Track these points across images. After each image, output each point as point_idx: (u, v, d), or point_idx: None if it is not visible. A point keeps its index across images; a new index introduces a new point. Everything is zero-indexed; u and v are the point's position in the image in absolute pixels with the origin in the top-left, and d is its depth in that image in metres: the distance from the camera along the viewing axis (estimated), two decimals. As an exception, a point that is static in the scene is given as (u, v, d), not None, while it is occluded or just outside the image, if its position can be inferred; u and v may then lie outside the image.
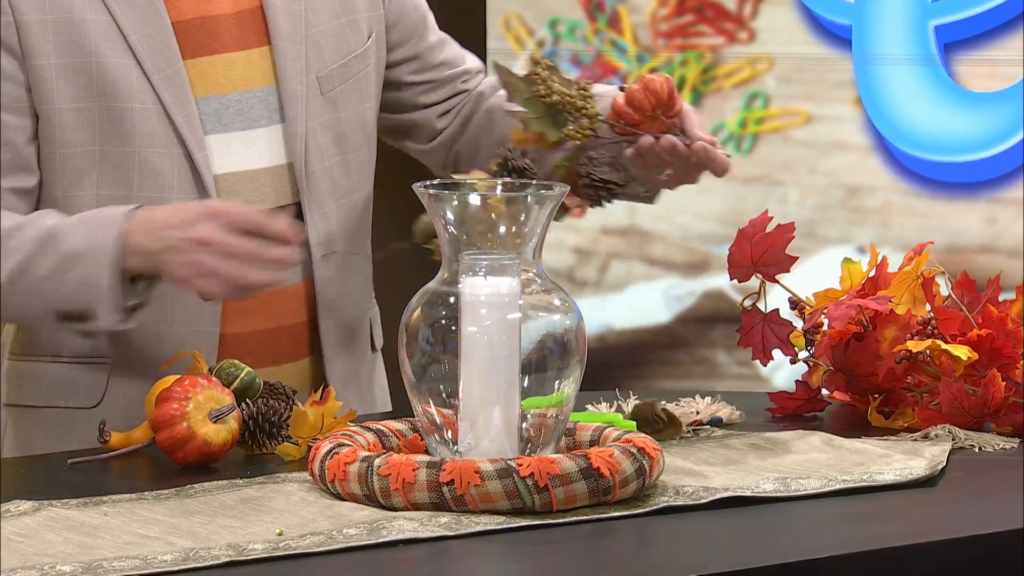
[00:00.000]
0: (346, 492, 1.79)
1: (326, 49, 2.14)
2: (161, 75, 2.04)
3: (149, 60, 2.04)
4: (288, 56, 2.10)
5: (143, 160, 2.05)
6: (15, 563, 1.61)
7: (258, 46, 2.10)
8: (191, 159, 2.06)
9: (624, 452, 1.77)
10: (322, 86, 2.12)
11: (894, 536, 1.72)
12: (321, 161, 2.13)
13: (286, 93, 2.10)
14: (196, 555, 1.63)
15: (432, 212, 1.84)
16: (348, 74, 2.15)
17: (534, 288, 1.82)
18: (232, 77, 2.08)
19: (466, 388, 1.78)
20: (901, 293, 2.09)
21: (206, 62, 2.07)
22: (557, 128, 1.90)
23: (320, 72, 2.12)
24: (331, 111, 2.14)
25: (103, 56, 2.03)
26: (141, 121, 2.04)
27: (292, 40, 2.11)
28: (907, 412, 2.09)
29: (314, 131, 2.12)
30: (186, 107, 2.05)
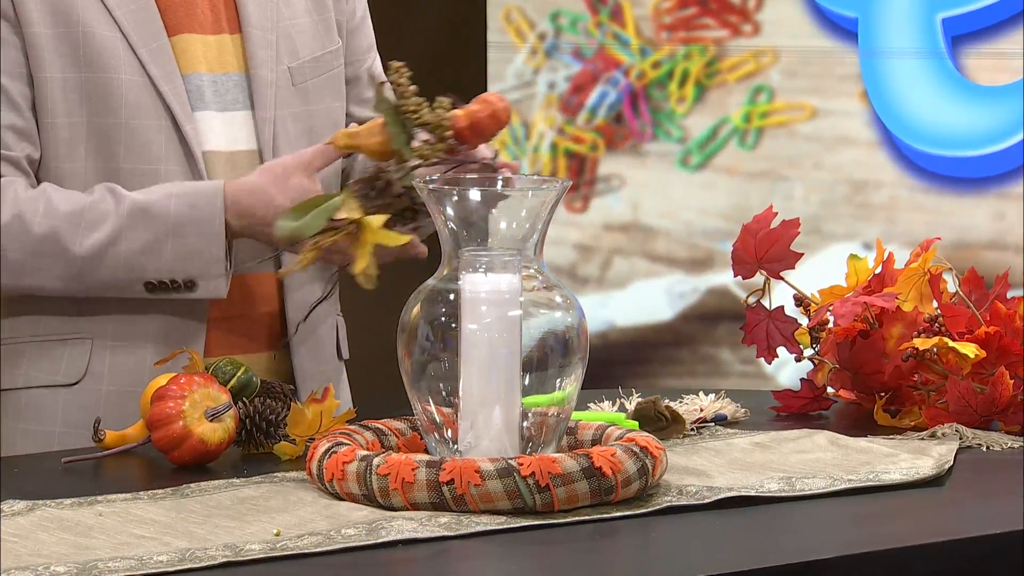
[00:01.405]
0: (344, 492, 1.77)
1: (299, 41, 2.16)
2: (147, 49, 2.08)
3: (135, 34, 2.07)
4: (259, 43, 2.13)
5: (130, 132, 2.07)
6: (9, 563, 1.60)
7: (230, 33, 2.13)
8: (180, 131, 2.09)
9: (626, 451, 1.76)
10: (293, 77, 2.14)
11: (901, 536, 1.71)
12: (290, 150, 2.14)
13: (256, 79, 2.13)
14: (192, 556, 1.62)
15: (432, 208, 1.82)
16: (321, 69, 2.17)
17: (535, 285, 1.81)
18: (210, 58, 2.12)
19: (466, 386, 1.77)
20: (908, 290, 2.08)
21: (187, 39, 2.11)
22: (408, 143, 1.90)
23: (292, 63, 2.15)
24: (302, 103, 2.16)
25: (90, 27, 2.06)
26: (128, 92, 2.07)
27: (263, 28, 2.14)
28: (914, 411, 2.08)
29: (284, 120, 2.14)
30: (173, 80, 2.09)
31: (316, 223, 1.83)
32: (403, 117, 1.87)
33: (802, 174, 3.52)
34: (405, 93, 1.88)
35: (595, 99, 3.59)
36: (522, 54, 3.59)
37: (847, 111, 3.49)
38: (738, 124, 3.54)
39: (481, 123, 1.92)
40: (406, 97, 1.88)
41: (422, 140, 1.90)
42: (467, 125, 1.91)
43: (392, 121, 1.88)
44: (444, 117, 1.89)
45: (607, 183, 3.60)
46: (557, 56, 3.59)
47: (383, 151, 1.90)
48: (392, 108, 1.88)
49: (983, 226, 3.43)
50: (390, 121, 1.88)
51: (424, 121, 1.88)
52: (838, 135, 3.50)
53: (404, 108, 1.88)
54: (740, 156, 3.54)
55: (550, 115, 3.60)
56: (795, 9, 3.50)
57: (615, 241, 3.59)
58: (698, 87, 3.55)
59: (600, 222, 3.59)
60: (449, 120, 1.89)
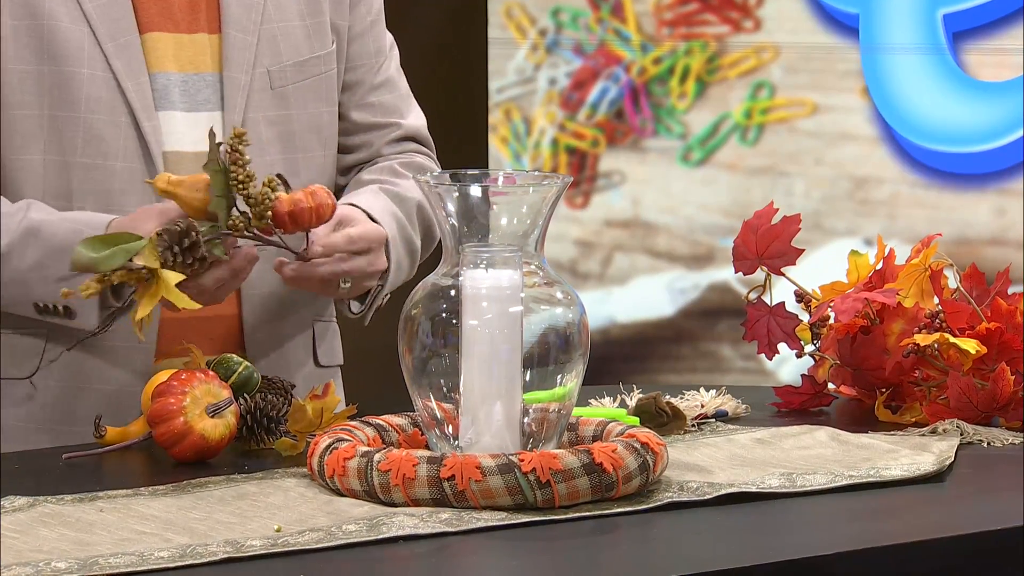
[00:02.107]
0: (345, 488, 1.77)
1: (283, 44, 2.13)
2: (115, 43, 2.06)
3: (103, 28, 2.05)
4: (236, 45, 2.11)
5: (88, 126, 2.06)
6: (9, 559, 1.60)
7: (209, 32, 2.11)
8: (139, 128, 2.07)
9: (627, 447, 1.76)
10: (272, 80, 2.12)
11: (901, 532, 1.71)
12: (260, 155, 2.11)
13: (228, 81, 2.10)
14: (193, 552, 1.62)
15: (434, 204, 1.82)
16: (305, 73, 2.14)
17: (536, 281, 1.80)
18: (181, 58, 2.09)
19: (467, 382, 1.77)
20: (909, 286, 2.08)
21: (157, 38, 2.08)
22: (226, 211, 1.87)
23: (272, 66, 2.12)
24: (280, 107, 2.13)
25: (56, 19, 2.04)
26: (88, 87, 2.05)
27: (243, 30, 2.11)
28: (915, 407, 2.08)
29: (255, 123, 2.11)
30: (137, 77, 2.07)
31: (113, 261, 1.81)
32: (229, 184, 1.86)
33: (803, 170, 3.52)
34: (239, 162, 1.86)
35: (596, 95, 3.59)
36: (523, 50, 3.59)
37: (848, 107, 3.49)
38: (739, 120, 3.54)
39: (302, 215, 1.90)
40: (239, 166, 1.87)
41: (240, 212, 1.88)
42: (288, 212, 1.90)
43: (217, 185, 1.86)
44: (268, 197, 1.87)
45: (608, 179, 3.60)
46: (558, 52, 3.59)
47: (199, 208, 1.88)
48: (220, 172, 1.86)
49: (984, 222, 3.43)
50: (215, 184, 1.86)
51: (248, 195, 1.87)
52: (839, 131, 3.50)
53: (233, 176, 1.86)
54: (741, 152, 3.54)
55: (551, 111, 3.59)
56: (796, 5, 3.50)
57: (616, 237, 3.59)
58: (699, 83, 3.55)
59: (601, 218, 3.59)
60: (272, 202, 1.88)
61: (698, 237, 3.56)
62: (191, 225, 1.84)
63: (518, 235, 1.80)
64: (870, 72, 3.47)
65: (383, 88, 2.22)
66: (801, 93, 3.51)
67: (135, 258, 1.81)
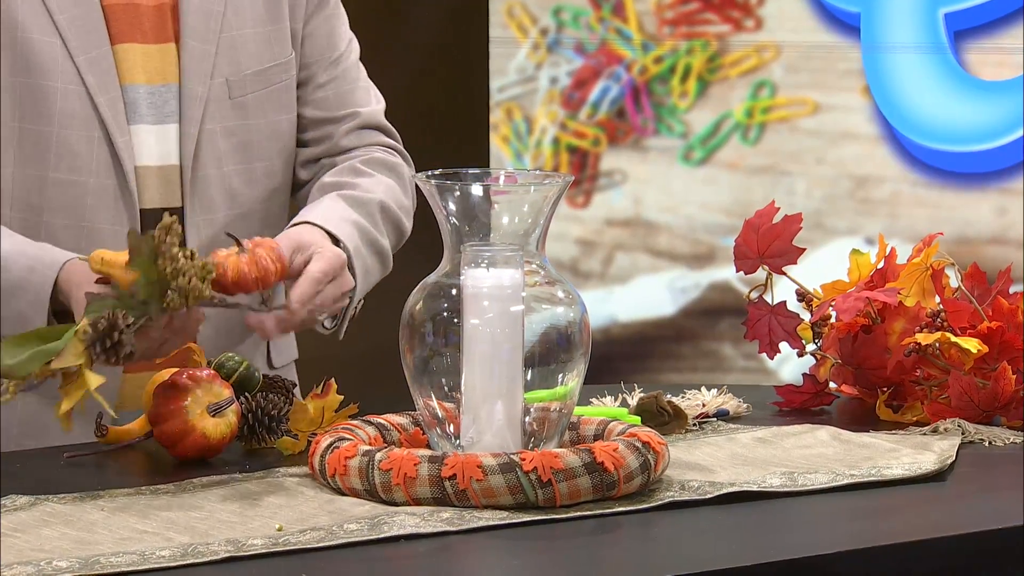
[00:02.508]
0: (347, 487, 1.77)
1: (243, 53, 2.10)
2: (86, 57, 2.03)
3: (75, 41, 2.03)
4: (194, 55, 2.07)
5: (61, 141, 2.03)
6: (11, 558, 1.60)
7: (174, 42, 2.08)
8: (111, 144, 2.04)
9: (629, 446, 1.76)
10: (232, 90, 2.08)
11: (902, 532, 1.71)
12: (217, 167, 2.09)
13: (185, 92, 2.07)
14: (194, 551, 1.62)
15: (434, 203, 1.82)
16: (265, 82, 2.11)
17: (537, 280, 1.80)
18: (149, 68, 2.06)
19: (468, 381, 1.77)
20: (910, 285, 2.08)
21: (127, 49, 2.06)
22: (159, 297, 1.77)
23: (232, 76, 2.09)
24: (239, 117, 2.10)
25: (29, 33, 2.02)
26: (62, 101, 2.03)
27: (201, 40, 2.08)
28: (916, 406, 2.07)
29: (212, 135, 2.08)
30: (109, 91, 2.04)
31: (30, 366, 1.74)
32: (158, 275, 1.77)
33: (804, 169, 3.52)
34: (166, 255, 1.77)
35: (597, 94, 3.59)
36: (524, 49, 3.59)
37: (849, 106, 3.49)
38: (740, 119, 3.54)
39: (246, 283, 1.83)
40: (166, 259, 1.77)
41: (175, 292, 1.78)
42: (232, 281, 1.82)
43: (146, 277, 1.77)
44: (201, 289, 1.78)
45: (609, 178, 3.60)
46: (559, 51, 3.59)
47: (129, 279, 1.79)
48: (148, 263, 1.77)
49: (985, 221, 3.43)
50: (144, 276, 1.77)
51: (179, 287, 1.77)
52: (840, 130, 3.50)
53: (161, 268, 1.77)
54: (742, 151, 3.54)
55: (552, 110, 3.59)
56: (797, 4, 3.49)
57: (617, 236, 3.59)
58: (700, 82, 3.55)
59: (602, 217, 3.59)
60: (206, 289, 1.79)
61: (699, 236, 3.56)
62: (115, 322, 1.75)
63: (519, 234, 1.80)
64: (871, 71, 3.47)
65: (336, 81, 2.17)
66: (802, 92, 3.51)
67: (55, 360, 1.74)
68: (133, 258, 1.76)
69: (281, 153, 2.15)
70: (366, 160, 2.18)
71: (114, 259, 1.80)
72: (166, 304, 1.75)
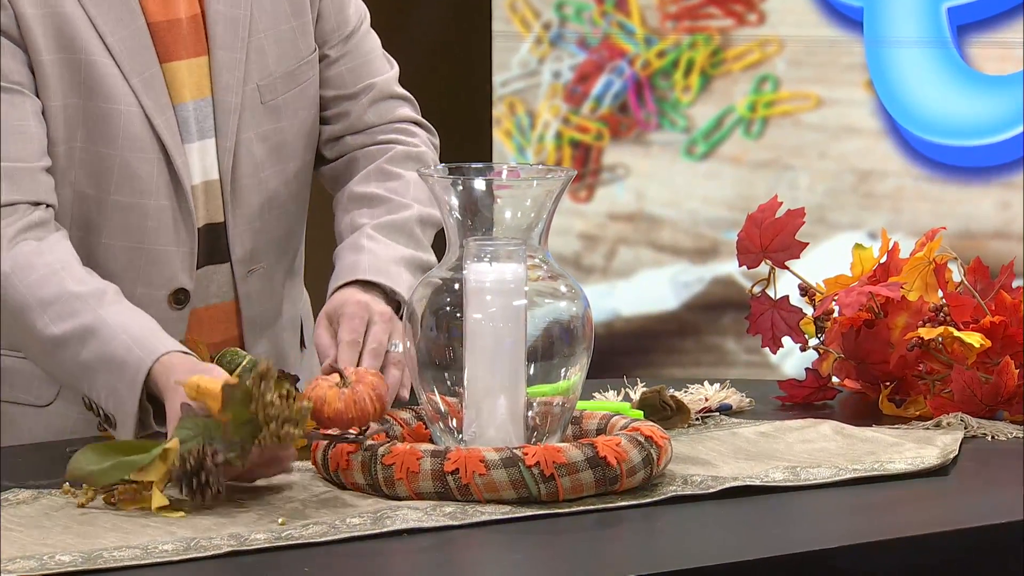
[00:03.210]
0: (350, 481, 1.77)
1: (271, 56, 2.07)
2: (140, 78, 2.00)
3: (127, 63, 2.00)
4: (224, 65, 2.04)
5: (124, 163, 2.01)
6: (13, 552, 1.60)
7: (203, 55, 2.04)
8: (171, 164, 2.02)
9: (631, 441, 1.76)
10: (263, 95, 2.06)
11: (905, 526, 1.71)
12: (256, 174, 2.07)
13: (219, 106, 2.04)
14: (197, 545, 1.62)
15: (437, 198, 1.82)
16: (295, 81, 2.09)
17: (540, 274, 1.80)
18: (191, 84, 2.04)
19: (471, 376, 1.77)
20: (913, 279, 2.08)
21: (175, 67, 2.03)
22: (251, 438, 1.72)
23: (262, 81, 2.06)
24: (272, 120, 2.08)
25: (91, 55, 1.99)
26: (126, 124, 2.00)
27: (230, 49, 2.04)
28: (919, 400, 2.07)
29: (248, 143, 2.06)
30: (165, 111, 2.01)
31: (109, 477, 1.73)
32: (250, 417, 1.72)
33: (807, 163, 3.52)
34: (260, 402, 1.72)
35: (600, 88, 3.58)
36: (527, 44, 3.59)
37: (852, 100, 3.48)
38: (743, 113, 3.54)
39: (340, 422, 1.78)
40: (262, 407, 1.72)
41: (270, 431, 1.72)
42: (328, 416, 1.77)
43: (237, 416, 1.73)
44: (293, 434, 1.73)
45: (612, 172, 3.60)
46: (562, 45, 3.59)
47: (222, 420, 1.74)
48: (240, 408, 1.72)
49: (988, 215, 3.43)
50: (236, 418, 1.72)
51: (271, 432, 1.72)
52: (843, 124, 3.50)
53: (254, 412, 1.72)
54: (745, 145, 3.54)
55: (555, 104, 3.59)
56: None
57: (620, 230, 3.59)
58: (703, 76, 3.55)
59: (605, 211, 3.59)
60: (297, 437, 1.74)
61: (702, 231, 3.56)
62: (204, 462, 1.71)
63: (522, 229, 1.80)
64: (874, 65, 3.46)
65: (349, 56, 2.14)
66: (805, 86, 3.51)
67: (136, 473, 1.72)
68: (226, 404, 1.72)
69: (310, 147, 2.14)
70: (391, 158, 2.15)
71: (209, 388, 1.75)
72: (259, 442, 1.72)
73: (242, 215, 2.07)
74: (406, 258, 2.05)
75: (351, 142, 2.16)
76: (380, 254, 2.04)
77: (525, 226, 1.80)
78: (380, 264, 2.03)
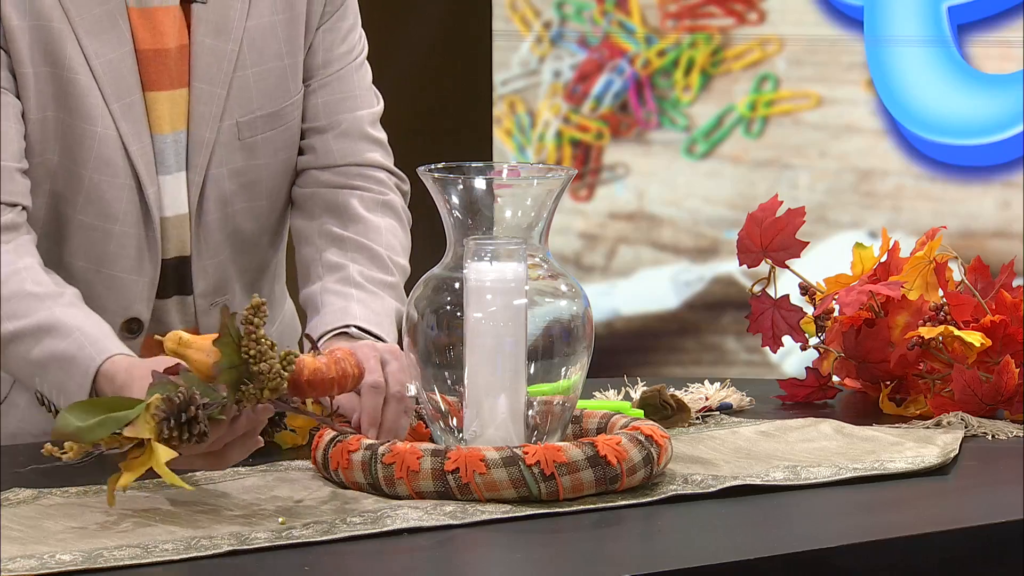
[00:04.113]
0: (350, 481, 1.77)
1: (256, 93, 2.04)
2: (120, 104, 1.99)
3: (110, 87, 1.98)
4: (201, 99, 2.02)
5: (92, 185, 2.00)
6: (14, 551, 1.60)
7: (184, 87, 2.02)
8: (143, 194, 2.01)
9: (632, 440, 1.76)
10: (241, 132, 2.03)
11: (906, 525, 1.71)
12: (223, 209, 2.05)
13: (193, 139, 2.02)
14: (198, 544, 1.62)
15: (437, 197, 1.82)
16: (277, 122, 2.06)
17: (540, 273, 1.80)
18: (172, 115, 2.02)
19: (471, 375, 1.77)
20: (913, 278, 2.08)
21: (156, 97, 2.01)
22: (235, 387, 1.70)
23: (242, 118, 2.03)
24: (248, 158, 2.05)
25: (75, 73, 1.98)
26: (100, 147, 1.99)
27: (211, 83, 2.02)
28: (919, 399, 2.07)
29: (219, 178, 2.03)
30: (142, 140, 2.00)
31: (99, 432, 1.69)
32: (241, 357, 1.70)
33: (807, 162, 3.52)
34: (253, 336, 1.70)
35: (600, 87, 3.58)
36: (527, 43, 3.59)
37: (853, 99, 3.48)
38: (743, 112, 3.54)
39: (321, 384, 1.75)
40: (252, 341, 1.70)
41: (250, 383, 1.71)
42: (307, 380, 1.74)
43: (227, 358, 1.70)
44: (282, 376, 1.71)
45: (612, 171, 3.60)
46: (562, 44, 3.59)
47: (207, 373, 1.72)
48: (233, 344, 1.70)
49: (989, 214, 3.43)
50: (225, 357, 1.70)
51: (260, 371, 1.70)
52: (844, 123, 3.49)
53: (245, 350, 1.70)
54: (745, 144, 3.54)
55: (555, 103, 3.59)
56: (801, -3, 3.49)
57: (620, 230, 3.59)
58: (703, 75, 3.55)
59: (605, 211, 3.59)
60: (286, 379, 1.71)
61: (702, 230, 3.56)
62: (192, 398, 1.70)
63: (522, 228, 1.80)
64: (875, 64, 3.46)
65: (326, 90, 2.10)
66: (806, 85, 3.51)
67: (126, 429, 1.69)
68: (221, 336, 1.70)
69: (287, 184, 2.11)
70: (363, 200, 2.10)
71: (193, 340, 1.72)
72: (242, 394, 1.70)
73: (207, 249, 2.06)
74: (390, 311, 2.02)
75: (316, 176, 2.11)
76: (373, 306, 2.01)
77: (525, 225, 1.80)
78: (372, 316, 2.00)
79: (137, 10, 1.99)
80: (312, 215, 2.10)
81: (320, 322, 2.00)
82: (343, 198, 2.09)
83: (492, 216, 1.80)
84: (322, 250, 2.07)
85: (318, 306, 2.02)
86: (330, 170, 2.11)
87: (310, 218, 2.10)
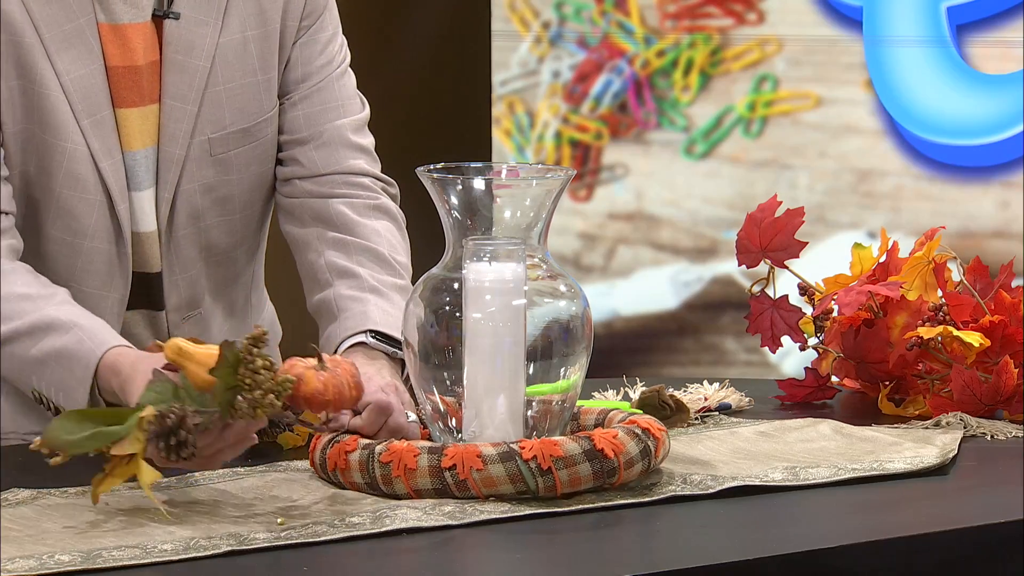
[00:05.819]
0: (348, 481, 1.77)
1: (228, 110, 2.03)
2: (91, 120, 1.98)
3: (80, 103, 1.98)
4: (172, 116, 2.01)
5: (62, 200, 1.99)
6: (13, 552, 1.60)
7: (155, 103, 2.02)
8: (114, 210, 2.00)
9: (628, 433, 1.76)
10: (213, 148, 2.02)
11: (904, 525, 1.71)
12: (194, 224, 2.04)
13: (163, 155, 2.01)
14: (197, 544, 1.62)
15: (436, 197, 1.82)
16: (250, 138, 2.05)
17: (539, 274, 1.80)
18: (143, 132, 2.01)
19: (470, 375, 1.77)
20: (912, 279, 2.08)
21: (127, 114, 2.00)
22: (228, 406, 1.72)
23: (214, 134, 2.02)
24: (221, 173, 2.04)
25: (46, 88, 1.97)
26: (70, 162, 1.98)
27: (182, 99, 2.01)
28: (918, 399, 2.07)
29: (190, 194, 2.03)
30: (112, 156, 1.99)
31: (88, 446, 1.71)
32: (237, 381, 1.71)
33: (807, 163, 3.52)
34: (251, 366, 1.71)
35: (599, 88, 3.58)
36: (526, 43, 3.59)
37: (852, 100, 3.48)
38: (743, 113, 3.54)
39: (317, 403, 1.75)
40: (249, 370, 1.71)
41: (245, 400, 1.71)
42: (304, 396, 1.75)
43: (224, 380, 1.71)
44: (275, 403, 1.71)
45: (611, 172, 3.60)
46: (561, 45, 3.59)
47: (203, 385, 1.73)
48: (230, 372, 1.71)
49: (988, 215, 3.43)
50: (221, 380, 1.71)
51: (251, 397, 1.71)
52: (843, 124, 3.50)
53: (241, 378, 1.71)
54: (745, 145, 3.54)
55: (554, 104, 3.59)
56: (800, -2, 3.49)
57: (619, 230, 3.59)
58: (702, 76, 3.55)
59: (604, 211, 3.59)
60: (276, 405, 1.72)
61: (702, 230, 3.56)
62: (183, 420, 1.70)
63: (521, 228, 1.80)
64: (874, 65, 3.46)
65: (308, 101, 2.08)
66: (805, 86, 3.51)
67: (114, 447, 1.70)
68: (220, 366, 1.71)
69: (261, 198, 2.10)
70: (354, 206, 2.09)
71: (193, 353, 1.74)
72: (234, 409, 1.71)
73: (179, 264, 2.05)
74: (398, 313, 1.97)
75: (301, 186, 2.10)
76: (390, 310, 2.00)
77: (524, 225, 1.80)
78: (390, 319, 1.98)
79: (108, 26, 1.98)
80: (304, 222, 2.10)
81: (340, 328, 2.00)
82: (333, 207, 2.08)
83: (491, 216, 1.80)
84: (325, 255, 2.07)
85: (335, 312, 2.02)
86: (312, 180, 2.09)
87: (302, 225, 2.10)
